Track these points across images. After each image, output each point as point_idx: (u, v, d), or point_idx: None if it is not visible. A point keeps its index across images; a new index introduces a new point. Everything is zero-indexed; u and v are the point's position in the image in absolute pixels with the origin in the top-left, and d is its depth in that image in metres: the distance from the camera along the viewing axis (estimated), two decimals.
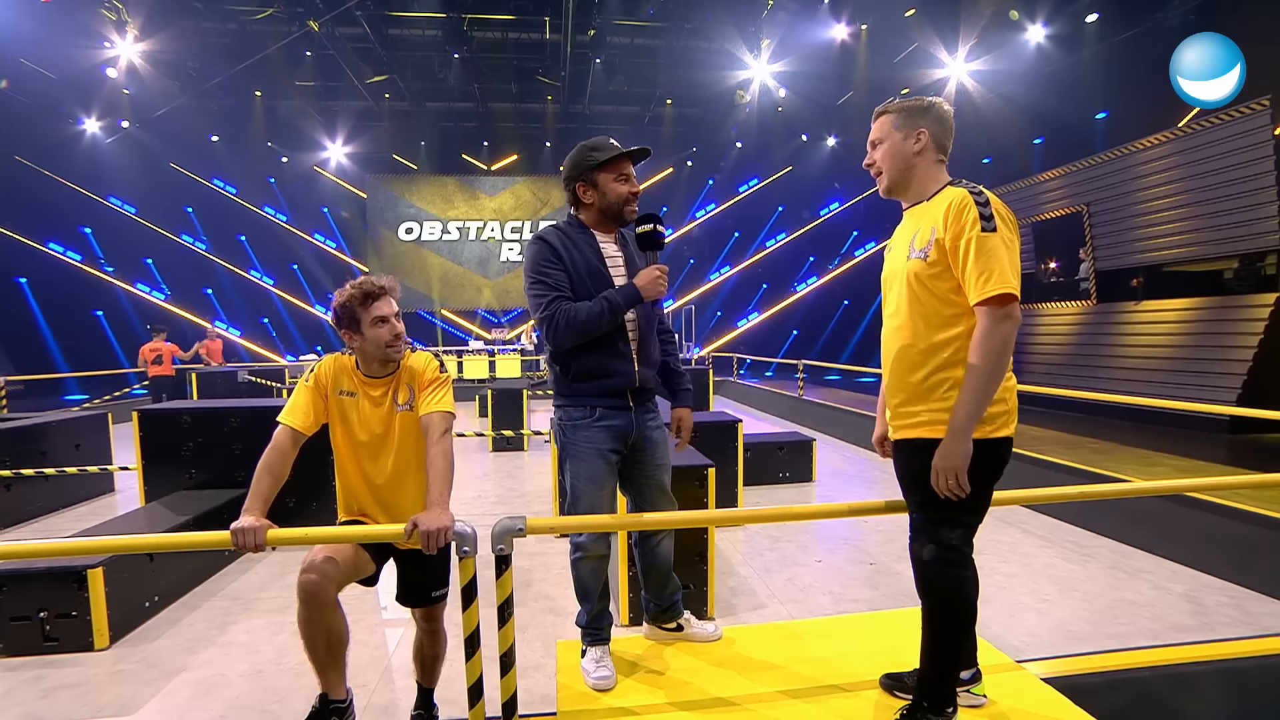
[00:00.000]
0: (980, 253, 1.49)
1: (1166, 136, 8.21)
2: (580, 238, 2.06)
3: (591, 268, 2.01)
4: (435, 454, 1.71)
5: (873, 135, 1.73)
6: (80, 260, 16.63)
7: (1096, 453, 6.45)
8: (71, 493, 5.12)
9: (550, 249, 2.00)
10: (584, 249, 2.03)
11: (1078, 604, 3.01)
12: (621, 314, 1.95)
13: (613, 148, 2.04)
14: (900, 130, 1.67)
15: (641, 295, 1.95)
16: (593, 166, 2.04)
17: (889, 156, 1.69)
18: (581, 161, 2.06)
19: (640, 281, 1.95)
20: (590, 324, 1.92)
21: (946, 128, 1.68)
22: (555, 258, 1.99)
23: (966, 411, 1.51)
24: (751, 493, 5.16)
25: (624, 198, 2.05)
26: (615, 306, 1.93)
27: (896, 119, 1.68)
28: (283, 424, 1.78)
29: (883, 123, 1.71)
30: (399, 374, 1.89)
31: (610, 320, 1.93)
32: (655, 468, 2.12)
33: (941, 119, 1.67)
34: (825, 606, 3.09)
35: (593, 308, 1.92)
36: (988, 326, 1.50)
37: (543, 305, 1.95)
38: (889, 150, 1.69)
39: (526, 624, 2.93)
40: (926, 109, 1.67)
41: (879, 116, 1.73)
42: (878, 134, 1.72)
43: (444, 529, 1.55)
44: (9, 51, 12.16)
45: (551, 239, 2.02)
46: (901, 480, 1.70)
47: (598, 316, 1.92)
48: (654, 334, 2.15)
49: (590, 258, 2.02)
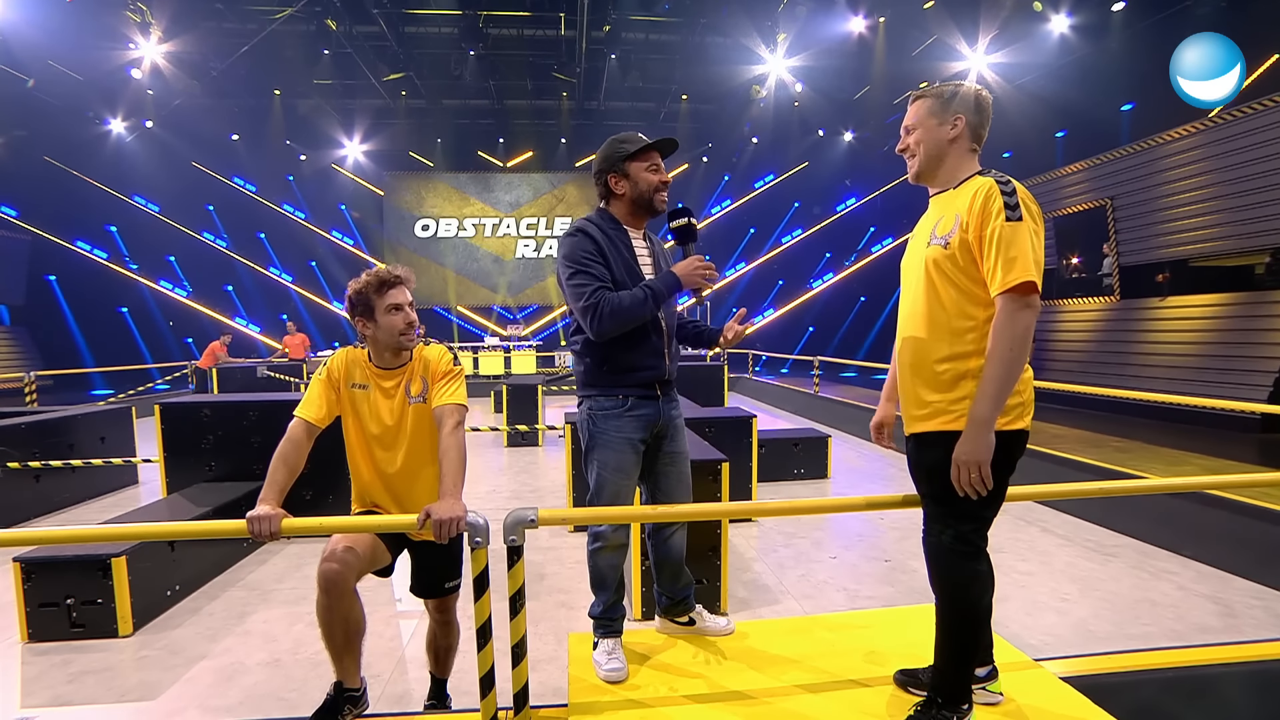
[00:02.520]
0: (1004, 243, 1.46)
1: (1194, 128, 8.01)
2: (615, 232, 2.07)
3: (626, 263, 2.03)
4: (449, 445, 1.72)
5: (907, 119, 1.70)
6: (106, 258, 17.02)
7: (1120, 451, 6.33)
8: (97, 484, 5.23)
9: (591, 241, 2.01)
10: (618, 244, 2.05)
11: (1098, 604, 2.95)
12: (663, 302, 1.97)
13: (642, 140, 2.07)
14: (936, 116, 1.64)
15: (682, 284, 1.97)
16: (624, 157, 2.06)
17: (923, 142, 1.65)
18: (613, 153, 2.07)
19: (681, 270, 1.97)
20: (634, 312, 1.93)
21: (984, 117, 1.64)
22: (596, 250, 2.00)
23: (989, 402, 1.47)
24: (766, 489, 5.13)
25: (655, 186, 2.07)
26: (659, 294, 1.95)
27: (934, 104, 1.65)
28: (297, 416, 1.80)
29: (919, 107, 1.67)
30: (412, 365, 1.90)
31: (654, 308, 1.95)
32: (678, 455, 2.15)
33: (980, 107, 1.64)
34: (840, 603, 3.06)
35: (636, 294, 1.94)
36: (1008, 315, 1.47)
37: (586, 294, 1.94)
38: (923, 135, 1.65)
39: (539, 617, 2.95)
40: (966, 97, 1.63)
41: (915, 100, 1.69)
42: (913, 118, 1.68)
43: (457, 519, 1.56)
44: (37, 54, 12.44)
45: (591, 231, 2.03)
46: (915, 473, 1.68)
47: (641, 304, 1.93)
48: (674, 329, 2.17)
49: (624, 253, 2.05)
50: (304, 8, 12.31)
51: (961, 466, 1.50)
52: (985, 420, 1.48)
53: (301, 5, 12.22)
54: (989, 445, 1.48)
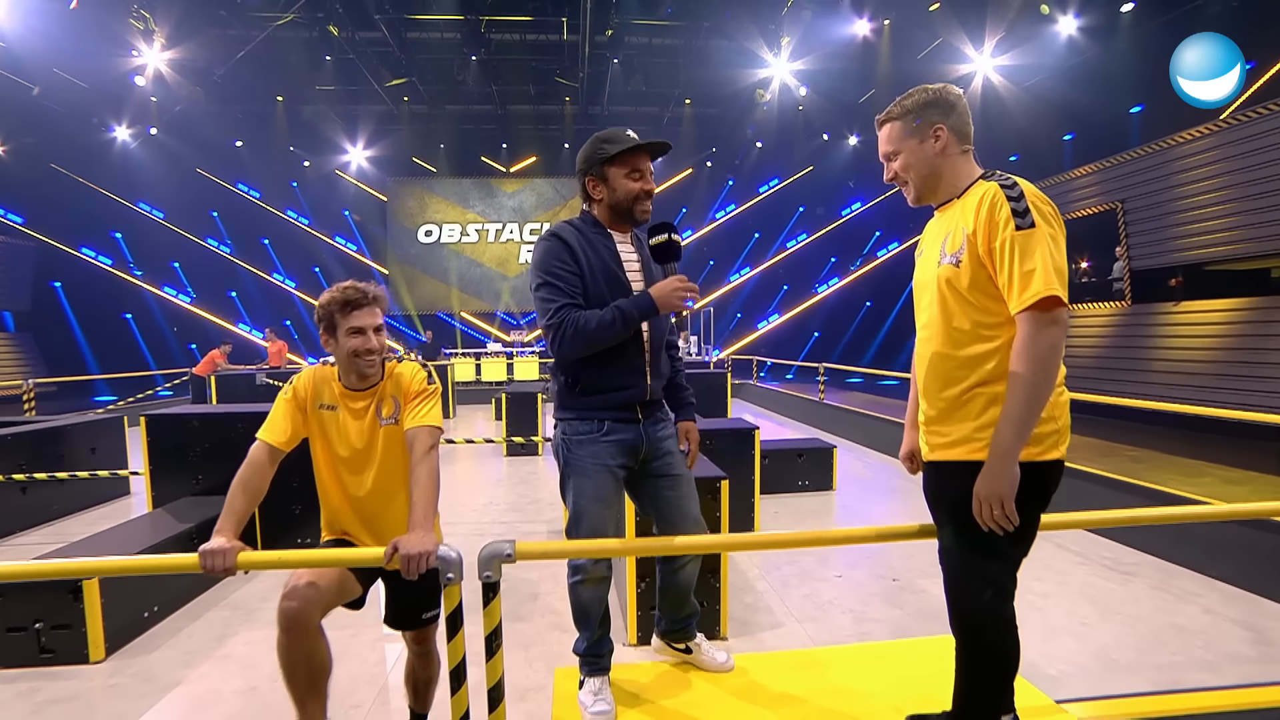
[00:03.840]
0: (1018, 254, 1.33)
1: (1208, 130, 7.84)
2: (596, 237, 1.89)
3: (607, 270, 1.85)
4: (420, 472, 1.59)
5: (883, 148, 1.56)
6: (111, 264, 17.05)
7: (1134, 461, 6.15)
8: (88, 496, 5.13)
9: (564, 247, 1.84)
10: (600, 249, 1.87)
11: (1120, 629, 2.80)
12: (634, 326, 1.79)
13: (626, 140, 1.86)
14: (914, 135, 1.50)
15: (658, 307, 1.77)
16: (603, 160, 1.87)
17: (910, 166, 1.52)
18: (592, 154, 1.89)
19: (657, 292, 1.78)
20: (600, 335, 1.76)
21: (961, 114, 1.50)
22: (570, 257, 1.83)
23: (1012, 431, 1.34)
24: (769, 501, 4.98)
25: (634, 195, 1.87)
26: (628, 318, 1.77)
27: (904, 125, 1.51)
28: (259, 439, 1.68)
29: (891, 132, 1.54)
30: (383, 385, 1.77)
31: (621, 332, 1.77)
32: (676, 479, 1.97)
33: (953, 107, 1.49)
34: (845, 626, 2.92)
35: (604, 317, 1.76)
36: (1031, 334, 1.33)
37: (550, 311, 1.79)
38: (908, 160, 1.52)
39: (530, 640, 2.81)
40: (935, 102, 1.49)
41: (884, 125, 1.55)
42: (890, 145, 1.54)
43: (426, 553, 1.43)
44: (43, 61, 12.50)
45: (567, 236, 1.86)
46: (933, 505, 1.54)
47: (608, 327, 1.75)
48: (665, 345, 2.00)
49: (606, 259, 1.86)
50: (306, 13, 12.31)
51: (982, 501, 1.36)
52: (1007, 451, 1.34)
53: (303, 11, 12.21)
54: (1012, 479, 1.34)
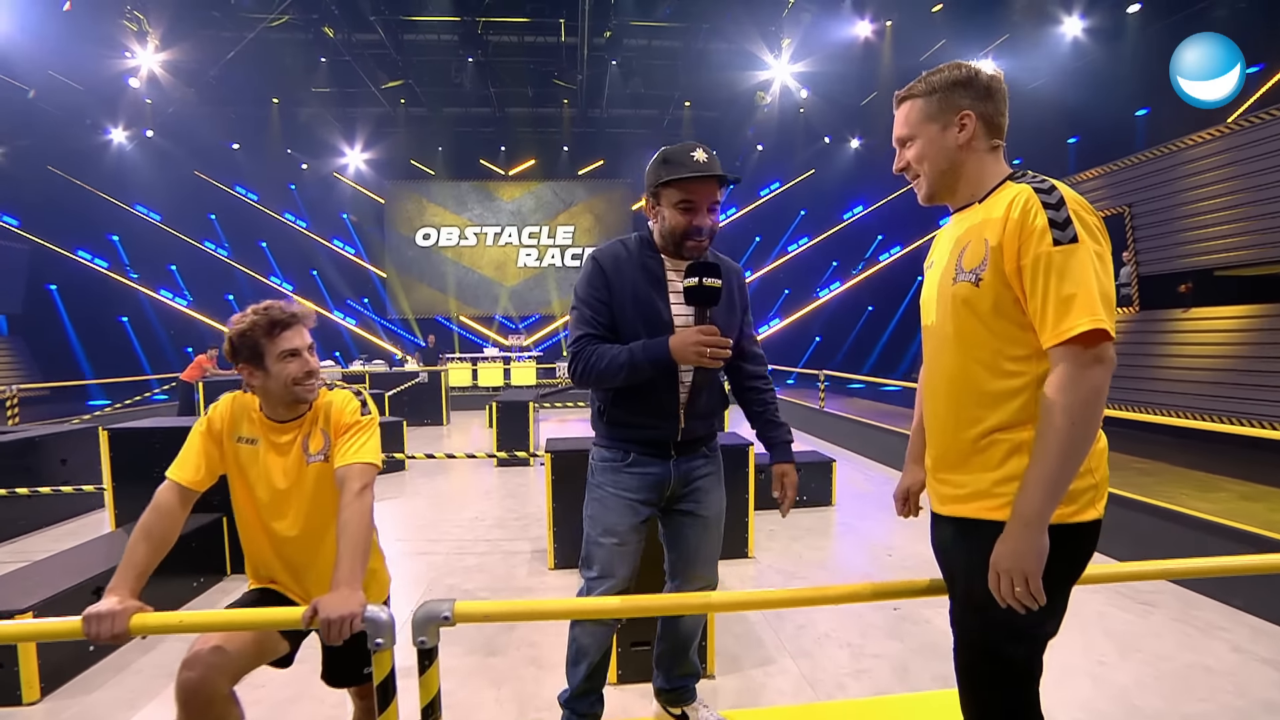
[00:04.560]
0: (1054, 275, 1.07)
1: (1217, 132, 7.64)
2: (644, 260, 1.70)
3: (644, 298, 1.66)
4: (348, 517, 1.38)
5: (899, 130, 1.30)
6: (107, 267, 16.91)
7: (1144, 474, 5.93)
8: (56, 511, 4.94)
9: (599, 272, 1.67)
10: (640, 275, 1.67)
11: (1141, 668, 2.58)
12: (643, 374, 1.59)
13: (687, 164, 1.63)
14: (936, 120, 1.24)
15: (673, 358, 1.57)
16: (658, 182, 1.66)
17: (927, 157, 1.26)
18: (651, 173, 1.69)
19: (675, 342, 1.57)
20: (609, 375, 1.60)
21: (997, 101, 1.25)
22: (602, 284, 1.66)
23: (1042, 493, 1.07)
24: (765, 518, 4.78)
25: (683, 230, 1.65)
26: (635, 364, 1.58)
27: (928, 104, 1.25)
28: (168, 479, 1.48)
29: (910, 111, 1.28)
30: (311, 416, 1.57)
31: (629, 377, 1.59)
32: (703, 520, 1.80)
33: (989, 91, 1.24)
34: (842, 663, 2.71)
35: (616, 358, 1.59)
36: (1069, 375, 1.06)
37: (574, 339, 1.68)
38: (925, 148, 1.25)
39: (503, 677, 2.61)
40: (966, 82, 1.23)
41: (903, 103, 1.29)
42: (906, 128, 1.28)
43: (349, 616, 1.22)
44: (38, 64, 12.39)
45: (604, 260, 1.69)
46: (943, 566, 1.31)
47: (618, 370, 1.59)
48: (714, 384, 1.82)
49: (644, 286, 1.66)
50: (301, 15, 12.17)
51: (1002, 576, 1.10)
52: (1035, 518, 1.08)
53: (298, 12, 12.07)
54: (1040, 551, 1.08)
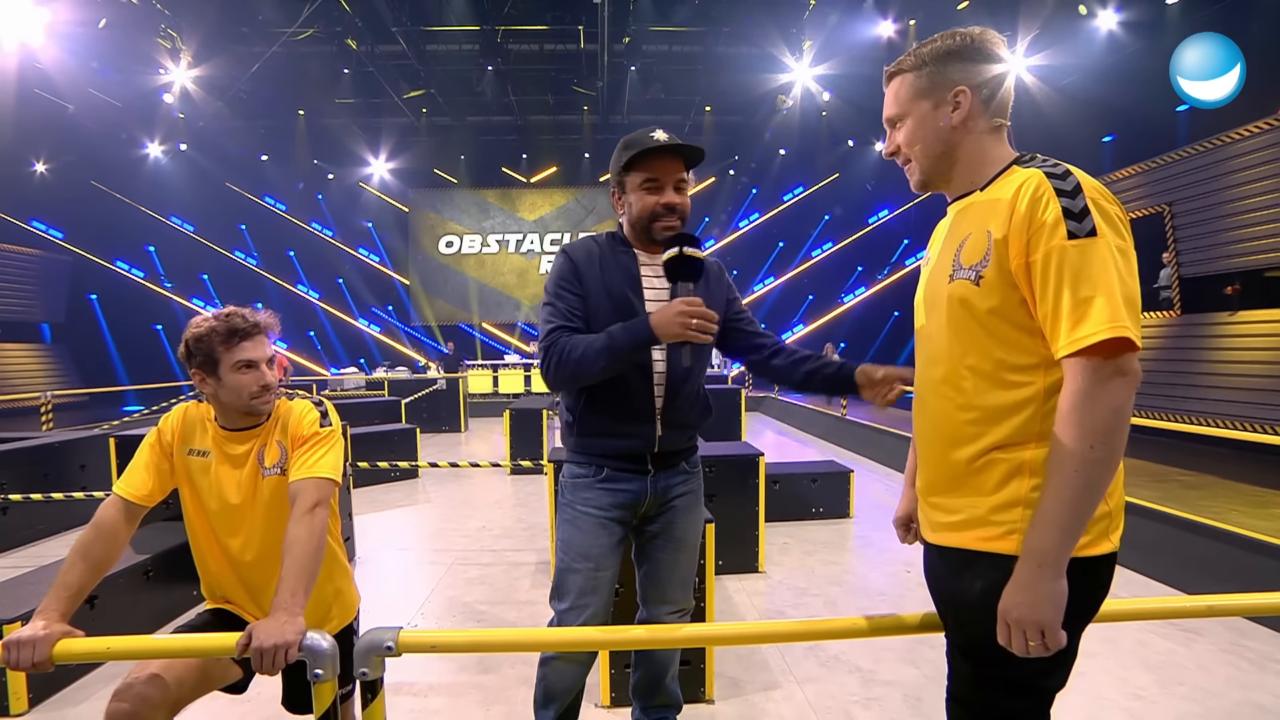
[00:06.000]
0: (1069, 273, 0.91)
1: (1265, 125, 7.24)
2: (617, 256, 1.61)
3: (619, 295, 1.55)
4: (296, 534, 1.29)
5: (888, 110, 1.17)
6: (143, 277, 17.51)
7: (1189, 488, 5.59)
8: (75, 516, 5.00)
9: (570, 267, 1.58)
10: (615, 270, 1.58)
11: (1185, 705, 2.36)
12: (625, 355, 1.45)
13: (646, 141, 1.53)
14: (928, 96, 1.10)
15: (655, 335, 1.43)
16: (622, 167, 1.57)
17: (919, 139, 1.12)
18: (614, 162, 1.60)
19: (657, 317, 1.42)
20: (587, 363, 1.45)
21: (997, 75, 1.09)
22: (574, 277, 1.57)
23: (1059, 529, 0.91)
24: (779, 530, 4.61)
25: (650, 212, 1.54)
26: (615, 345, 1.44)
27: (918, 78, 1.11)
28: (114, 494, 1.41)
29: (900, 88, 1.14)
30: (268, 426, 1.50)
31: (610, 362, 1.45)
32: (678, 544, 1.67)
33: (986, 62, 1.09)
34: (851, 690, 2.54)
35: (593, 344, 1.46)
36: (1087, 390, 0.90)
37: (544, 333, 1.54)
38: (915, 129, 1.12)
39: (493, 698, 2.51)
40: (960, 52, 1.09)
41: (892, 79, 1.16)
42: (896, 106, 1.15)
43: (284, 645, 1.13)
44: (77, 82, 12.91)
45: (576, 255, 1.60)
46: (937, 602, 1.15)
47: (596, 356, 1.44)
48: (693, 388, 1.67)
49: (618, 282, 1.56)
50: (325, 28, 12.42)
51: (1013, 628, 0.93)
52: (1050, 560, 0.91)
53: (322, 26, 12.33)
54: (1056, 598, 0.91)
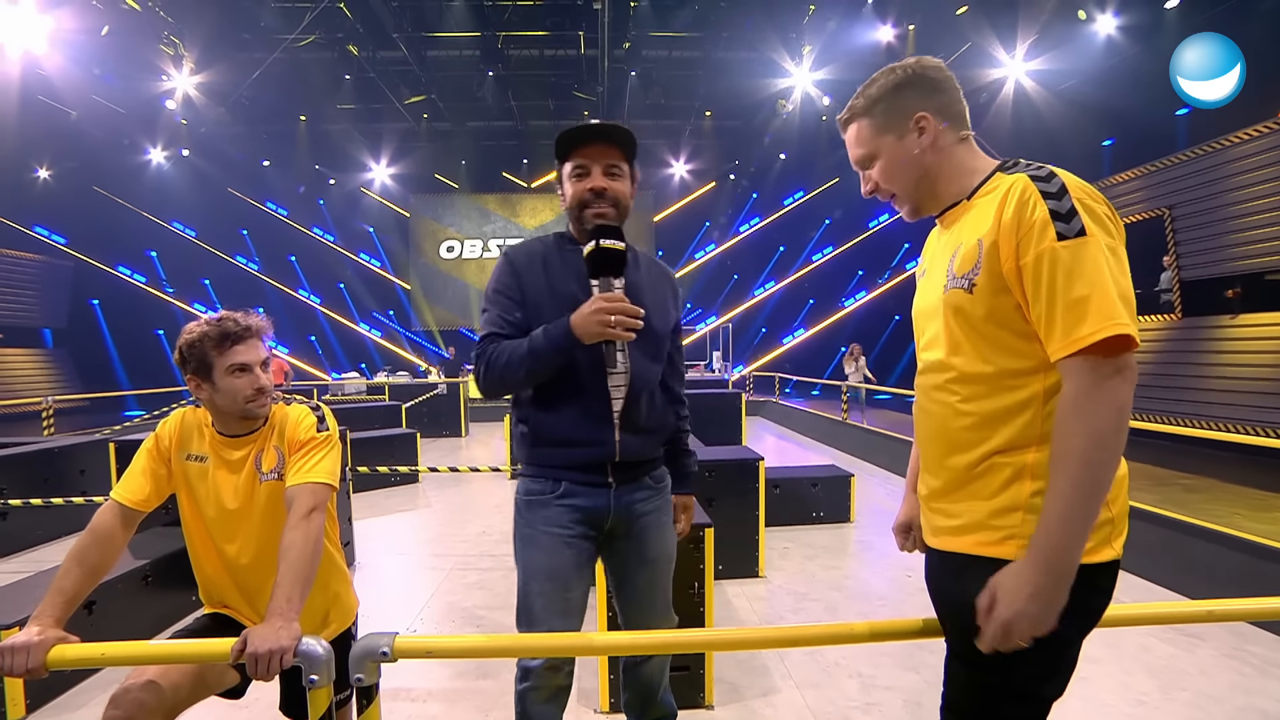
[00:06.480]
0: (1061, 274, 0.93)
1: (1266, 128, 7.25)
2: (564, 254, 1.55)
3: (562, 293, 1.48)
4: (291, 540, 1.29)
5: (855, 155, 1.20)
6: (145, 282, 17.55)
7: (1190, 491, 5.59)
8: (76, 520, 5.01)
9: (508, 270, 1.54)
10: (560, 269, 1.52)
11: (1188, 711, 2.35)
12: (547, 359, 1.40)
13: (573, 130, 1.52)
14: (891, 130, 1.13)
15: (575, 334, 1.37)
16: (559, 161, 1.55)
17: (893, 174, 1.15)
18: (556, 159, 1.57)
19: (575, 317, 1.38)
20: (510, 371, 1.42)
21: (949, 91, 1.12)
22: (513, 281, 1.53)
23: (1060, 532, 0.91)
24: (780, 535, 4.60)
25: (579, 199, 1.50)
26: (535, 352, 1.40)
27: (874, 118, 1.15)
28: (111, 498, 1.40)
29: (859, 132, 1.17)
30: (265, 431, 1.50)
31: (531, 366, 1.41)
32: (650, 563, 1.59)
33: (936, 84, 1.12)
34: (851, 695, 2.53)
35: (516, 349, 1.43)
36: (1085, 390, 0.91)
37: (480, 339, 1.51)
38: (889, 163, 1.15)
39: (491, 703, 2.50)
40: (909, 82, 1.12)
41: (849, 125, 1.19)
42: (861, 149, 1.18)
43: (279, 651, 1.13)
44: (80, 88, 12.97)
45: (516, 257, 1.56)
46: (937, 607, 1.16)
47: (518, 364, 1.41)
48: (654, 391, 1.58)
49: (564, 281, 1.51)
50: (326, 34, 12.48)
51: (1009, 631, 0.93)
52: (1053, 564, 0.91)
53: (324, 32, 12.38)
54: (1055, 603, 0.92)
